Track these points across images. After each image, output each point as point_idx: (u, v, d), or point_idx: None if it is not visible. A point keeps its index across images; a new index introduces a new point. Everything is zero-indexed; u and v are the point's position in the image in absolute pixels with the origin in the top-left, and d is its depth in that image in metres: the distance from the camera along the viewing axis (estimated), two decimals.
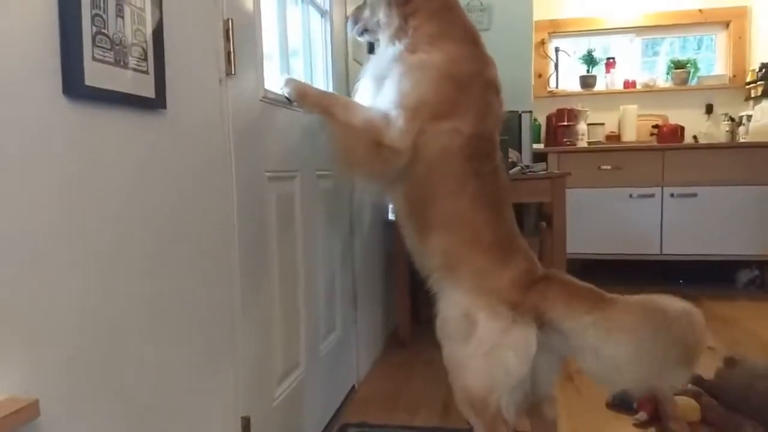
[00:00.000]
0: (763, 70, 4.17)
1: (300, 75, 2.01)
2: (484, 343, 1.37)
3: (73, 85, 0.82)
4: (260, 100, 1.51)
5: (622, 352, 1.22)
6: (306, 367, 1.80)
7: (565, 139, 4.38)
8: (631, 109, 4.55)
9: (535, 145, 4.06)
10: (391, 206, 1.78)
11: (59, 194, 0.83)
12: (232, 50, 1.35)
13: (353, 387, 2.37)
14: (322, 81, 2.09)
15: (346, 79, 2.26)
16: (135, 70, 0.96)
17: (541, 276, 1.43)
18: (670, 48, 4.94)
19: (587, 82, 4.79)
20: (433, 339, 2.99)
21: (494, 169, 1.54)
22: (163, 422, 1.08)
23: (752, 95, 4.34)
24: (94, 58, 0.85)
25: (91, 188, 0.89)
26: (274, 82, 1.62)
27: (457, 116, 1.48)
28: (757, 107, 4.14)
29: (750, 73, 4.41)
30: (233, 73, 1.36)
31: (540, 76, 4.77)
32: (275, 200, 1.59)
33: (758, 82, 4.23)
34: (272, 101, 1.57)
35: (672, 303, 1.22)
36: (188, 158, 1.18)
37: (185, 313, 1.16)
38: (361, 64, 2.47)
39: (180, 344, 1.14)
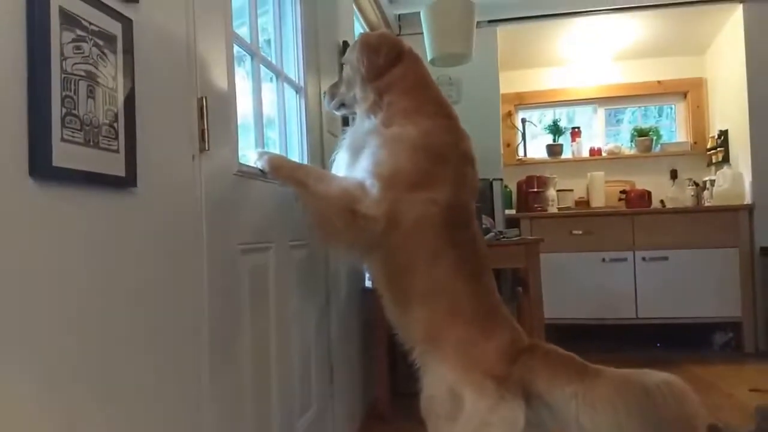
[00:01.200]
0: (722, 137, 4.36)
1: (275, 147, 2.04)
2: (471, 422, 1.32)
3: (40, 166, 0.81)
4: (234, 174, 1.52)
5: (604, 424, 1.19)
6: None
7: (536, 205, 4.47)
8: (599, 175, 4.70)
9: (507, 211, 4.14)
10: (368, 274, 1.77)
11: (22, 277, 0.80)
12: (206, 127, 1.36)
13: None
14: (297, 153, 2.12)
15: (320, 151, 2.30)
16: (105, 149, 0.96)
17: (526, 346, 1.40)
18: (632, 116, 5.17)
19: (554, 150, 4.95)
20: (414, 414, 2.91)
21: (472, 237, 1.54)
22: None
23: (713, 161, 4.52)
24: (62, 139, 0.85)
25: (57, 270, 0.87)
26: (249, 156, 1.64)
27: (433, 186, 1.50)
28: (719, 172, 4.30)
29: (710, 139, 4.61)
30: (207, 149, 1.36)
31: (509, 145, 4.92)
32: (248, 272, 1.56)
33: (718, 149, 4.42)
34: (246, 174, 1.57)
35: (651, 376, 1.21)
36: (159, 234, 1.17)
37: (149, 389, 1.11)
38: (335, 136, 2.53)
39: (145, 423, 1.08)
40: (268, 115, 1.96)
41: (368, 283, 3.08)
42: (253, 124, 1.83)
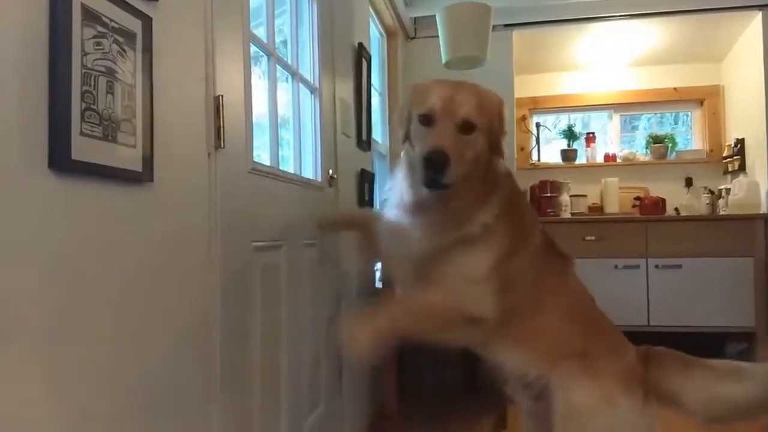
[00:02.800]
0: (738, 146, 4.32)
1: (289, 148, 2.05)
2: (626, 424, 1.42)
3: (59, 160, 0.83)
4: (248, 172, 1.53)
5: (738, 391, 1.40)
6: None
7: (549, 210, 4.45)
8: (613, 181, 4.66)
9: None
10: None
11: (41, 267, 0.82)
12: (221, 125, 1.38)
13: None
14: (311, 153, 2.13)
15: (334, 151, 2.31)
16: (123, 144, 0.97)
17: (645, 352, 1.53)
18: (648, 123, 5.13)
19: (568, 155, 4.92)
20: (421, 416, 2.92)
21: (565, 260, 1.62)
22: None
23: (729, 169, 4.47)
24: (82, 133, 0.87)
25: (74, 261, 0.88)
26: (263, 154, 1.65)
27: (527, 239, 1.51)
28: (735, 181, 4.25)
29: (726, 148, 4.56)
30: (222, 147, 1.38)
31: (522, 149, 4.91)
32: (260, 270, 1.57)
33: (734, 157, 4.36)
34: (260, 173, 1.59)
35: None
36: (174, 230, 1.18)
37: (161, 386, 1.12)
38: (348, 137, 2.54)
39: (155, 419, 1.10)
40: (282, 116, 1.97)
41: (379, 284, 3.08)
42: (268, 123, 1.84)
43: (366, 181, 2.77)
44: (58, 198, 0.85)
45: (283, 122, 2.01)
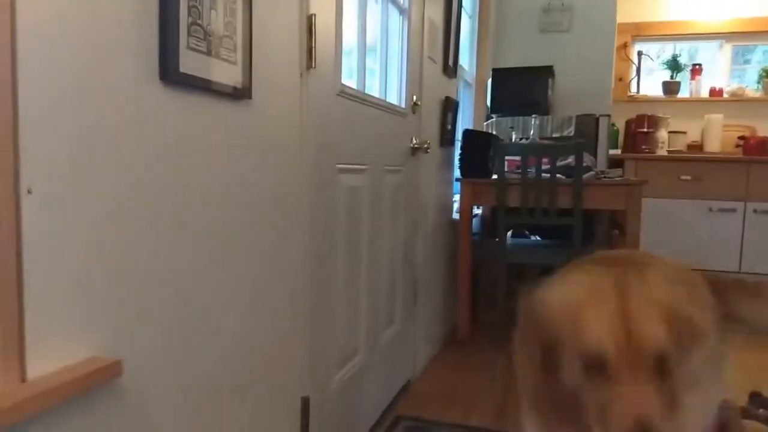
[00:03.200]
0: None
1: (375, 73, 2.05)
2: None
3: (169, 72, 0.89)
4: (337, 95, 1.56)
5: None
6: (364, 355, 1.84)
7: (643, 146, 4.22)
8: (717, 118, 4.32)
9: (612, 151, 3.94)
10: None
11: (151, 173, 0.90)
12: (313, 45, 1.40)
13: (408, 381, 2.40)
14: (396, 78, 2.12)
15: (419, 76, 2.28)
16: (225, 60, 1.02)
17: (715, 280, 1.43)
18: (763, 56, 4.65)
19: (670, 88, 4.59)
20: (490, 341, 2.98)
21: None
22: (230, 394, 1.14)
23: None
24: (188, 47, 0.92)
25: (179, 169, 0.96)
26: (351, 77, 1.67)
27: None
28: None
29: None
30: (313, 66, 1.41)
31: (621, 80, 4.62)
32: (344, 192, 1.63)
33: None
34: (348, 96, 1.61)
35: None
36: (268, 146, 1.24)
37: (253, 294, 1.22)
38: (435, 62, 2.49)
39: (250, 322, 1.20)
40: (370, 39, 1.96)
41: (455, 215, 3.10)
42: (356, 46, 1.84)
43: (449, 109, 2.74)
44: (168, 109, 0.92)
45: (371, 46, 2.00)
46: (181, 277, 0.98)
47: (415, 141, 2.25)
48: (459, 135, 3.09)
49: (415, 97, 2.22)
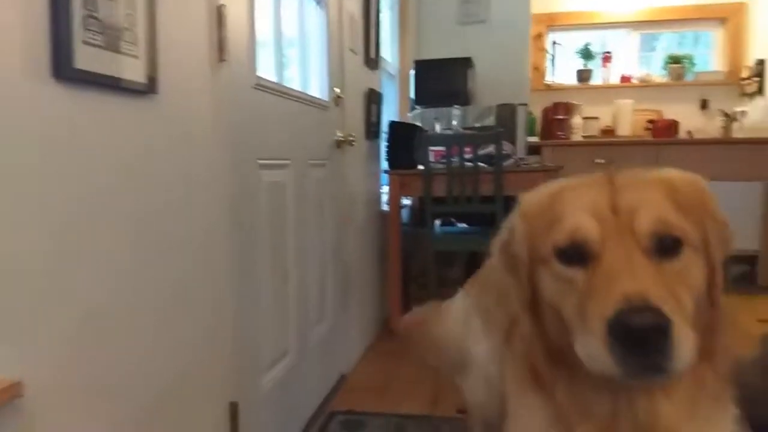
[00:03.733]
0: (760, 66, 4.18)
1: (295, 65, 2.01)
2: None
3: (63, 68, 0.82)
4: (253, 88, 1.51)
5: None
6: (295, 354, 1.81)
7: (559, 133, 4.39)
8: (627, 103, 4.56)
9: (530, 138, 4.07)
10: None
11: (47, 174, 0.83)
12: (224, 37, 1.35)
13: (343, 375, 2.39)
14: (317, 70, 2.09)
15: (340, 69, 2.26)
16: (126, 54, 0.96)
17: None
18: (668, 43, 4.94)
19: (583, 76, 4.79)
20: None
21: None
22: (151, 405, 1.09)
23: (747, 91, 4.35)
24: (84, 41, 0.85)
25: (78, 171, 0.89)
26: (268, 70, 1.63)
27: None
28: (752, 103, 4.15)
29: (745, 69, 4.41)
30: (225, 59, 1.36)
31: (537, 69, 4.77)
32: (267, 187, 1.59)
33: (753, 78, 4.24)
34: (265, 88, 1.57)
35: None
36: (179, 143, 1.19)
37: (173, 299, 1.17)
38: (356, 54, 2.48)
39: (168, 329, 1.15)
40: (287, 31, 1.92)
41: (385, 207, 3.11)
42: (273, 37, 1.79)
43: (373, 102, 2.73)
44: (63, 107, 0.85)
45: (291, 39, 1.95)
46: (88, 286, 0.92)
47: (339, 134, 2.23)
48: (385, 127, 3.09)
49: (337, 90, 2.20)
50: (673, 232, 0.68)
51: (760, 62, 4.17)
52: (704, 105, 4.53)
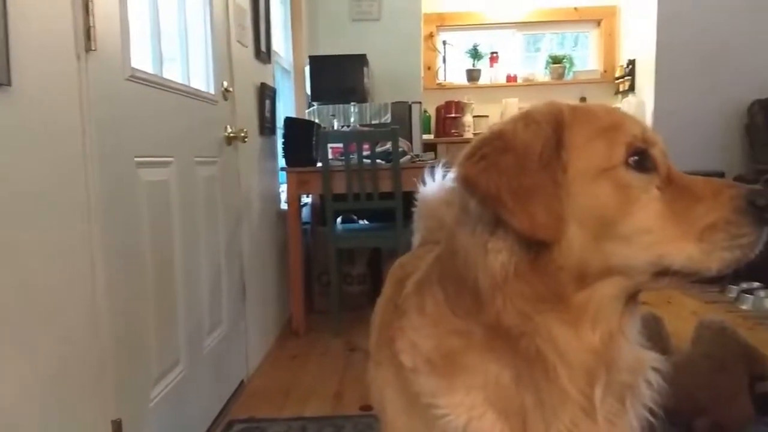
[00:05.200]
0: (630, 66, 4.53)
1: (177, 58, 1.89)
2: None
3: None
4: (127, 80, 1.40)
5: None
6: (187, 363, 1.71)
7: (453, 131, 4.53)
8: (513, 102, 4.79)
9: (425, 136, 4.16)
10: None
11: None
12: (92, 25, 1.24)
13: (242, 381, 2.30)
14: (202, 63, 1.99)
15: (228, 61, 2.16)
16: None
17: None
18: (550, 44, 5.24)
19: (473, 75, 4.97)
20: (327, 328, 2.99)
21: None
22: (23, 429, 0.97)
23: (620, 89, 4.71)
24: None
25: None
26: (145, 61, 1.52)
27: None
28: (625, 100, 4.50)
29: (619, 68, 4.78)
30: (94, 49, 1.24)
31: (429, 68, 4.88)
32: (147, 187, 1.48)
33: (626, 77, 4.59)
34: (141, 80, 1.46)
35: None
36: (40, 139, 1.07)
37: (38, 312, 1.05)
38: (245, 46, 2.39)
39: (36, 346, 1.03)
40: (167, 20, 1.80)
41: (284, 206, 3.04)
42: (150, 26, 1.68)
43: (267, 96, 2.65)
44: None
45: (173, 30, 1.84)
46: None
47: (230, 129, 2.13)
48: (281, 123, 3.02)
49: (225, 83, 2.11)
50: None
51: (632, 62, 4.53)
52: (583, 102, 4.85)
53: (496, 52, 5.00)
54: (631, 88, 4.53)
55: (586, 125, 0.72)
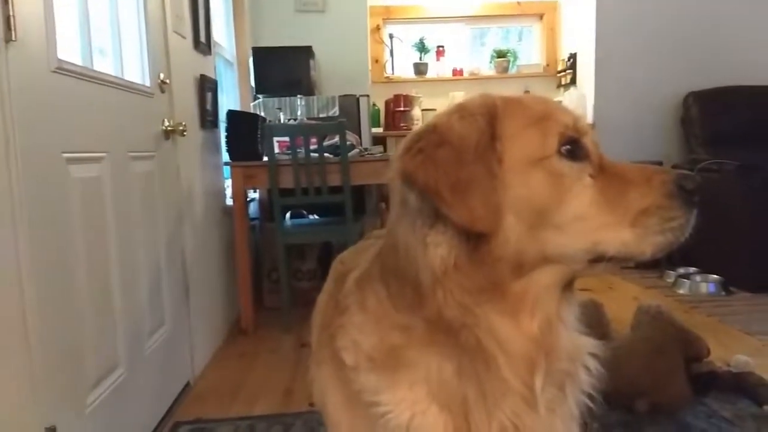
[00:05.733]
0: (571, 60, 4.65)
1: (109, 50, 1.81)
2: None
3: None
4: (53, 72, 1.33)
5: None
6: (127, 366, 1.64)
7: (402, 124, 4.53)
8: (460, 95, 4.82)
9: (374, 129, 4.15)
10: None
11: None
12: (12, 14, 1.17)
13: (188, 382, 2.23)
14: (137, 54, 1.91)
15: (165, 52, 2.09)
16: None
17: None
18: (496, 38, 5.31)
19: (420, 69, 4.98)
20: (277, 325, 2.95)
21: None
22: None
23: (563, 83, 4.82)
24: None
25: None
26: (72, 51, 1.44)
27: None
28: (566, 93, 4.61)
29: (561, 62, 4.89)
30: (14, 39, 1.17)
31: (377, 61, 4.87)
32: (77, 184, 1.41)
33: (567, 71, 4.70)
34: (69, 72, 1.38)
35: None
36: None
37: None
38: (184, 37, 2.31)
39: None
40: (97, 9, 1.72)
41: (229, 201, 2.97)
42: (79, 18, 1.60)
43: (207, 89, 2.58)
44: None
45: (101, 18, 1.76)
46: None
47: (168, 123, 2.06)
48: (224, 116, 2.94)
49: (162, 75, 2.03)
50: None
51: (573, 56, 4.64)
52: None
53: (443, 46, 5.03)
54: (573, 82, 4.64)
55: (519, 116, 0.73)
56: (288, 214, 3.54)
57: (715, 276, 3.37)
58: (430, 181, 0.68)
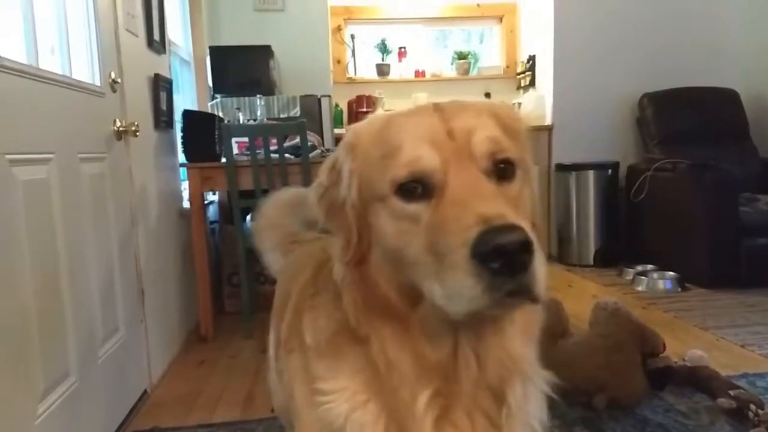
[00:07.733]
0: (530, 62, 4.71)
1: (57, 48, 1.74)
2: None
3: None
4: None
5: None
6: (79, 375, 1.58)
7: None
8: (422, 96, 4.84)
9: (337, 130, 4.12)
10: None
11: None
12: None
13: (145, 391, 2.16)
14: (85, 52, 1.84)
15: (116, 51, 2.02)
16: None
17: None
18: (458, 40, 5.35)
19: (382, 70, 4.98)
20: (238, 331, 2.89)
21: None
22: None
23: (522, 84, 4.88)
24: None
25: None
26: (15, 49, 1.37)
27: None
28: (525, 95, 4.67)
29: (520, 64, 4.95)
30: None
31: (339, 62, 4.84)
32: (22, 187, 1.34)
33: (526, 73, 4.77)
34: (8, 70, 1.32)
35: None
36: None
37: None
38: (136, 36, 2.24)
39: None
40: (41, 5, 1.65)
41: (186, 204, 2.89)
42: (22, 15, 1.52)
43: (162, 88, 2.51)
44: None
45: (47, 15, 1.68)
46: None
47: (119, 123, 1.99)
48: (179, 116, 2.87)
49: (113, 74, 1.96)
50: (507, 153, 0.68)
51: (532, 58, 4.70)
52: (488, 97, 4.99)
53: (404, 47, 5.04)
54: (532, 83, 4.71)
55: (370, 150, 0.70)
56: (249, 216, 3.48)
57: (672, 273, 3.46)
58: (322, 216, 0.77)
